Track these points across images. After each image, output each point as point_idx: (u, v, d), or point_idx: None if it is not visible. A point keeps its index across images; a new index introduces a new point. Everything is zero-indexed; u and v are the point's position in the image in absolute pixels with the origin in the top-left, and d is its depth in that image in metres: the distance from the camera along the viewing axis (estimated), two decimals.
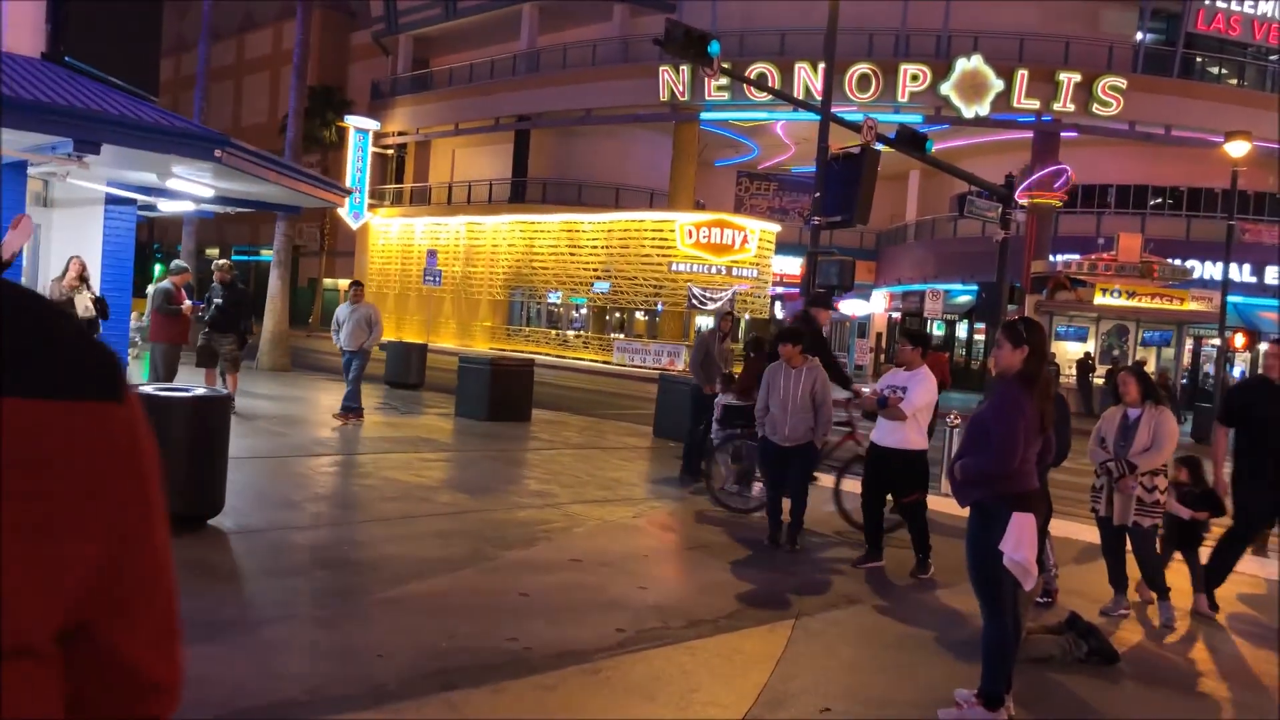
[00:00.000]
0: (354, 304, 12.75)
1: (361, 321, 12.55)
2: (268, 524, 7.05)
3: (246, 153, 11.15)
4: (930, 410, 6.95)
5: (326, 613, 5.34)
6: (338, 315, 12.78)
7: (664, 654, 5.11)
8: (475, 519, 7.84)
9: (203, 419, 6.75)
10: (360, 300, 12.80)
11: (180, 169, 12.22)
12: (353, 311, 12.67)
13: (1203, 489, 6.78)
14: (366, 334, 12.47)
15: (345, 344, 12.56)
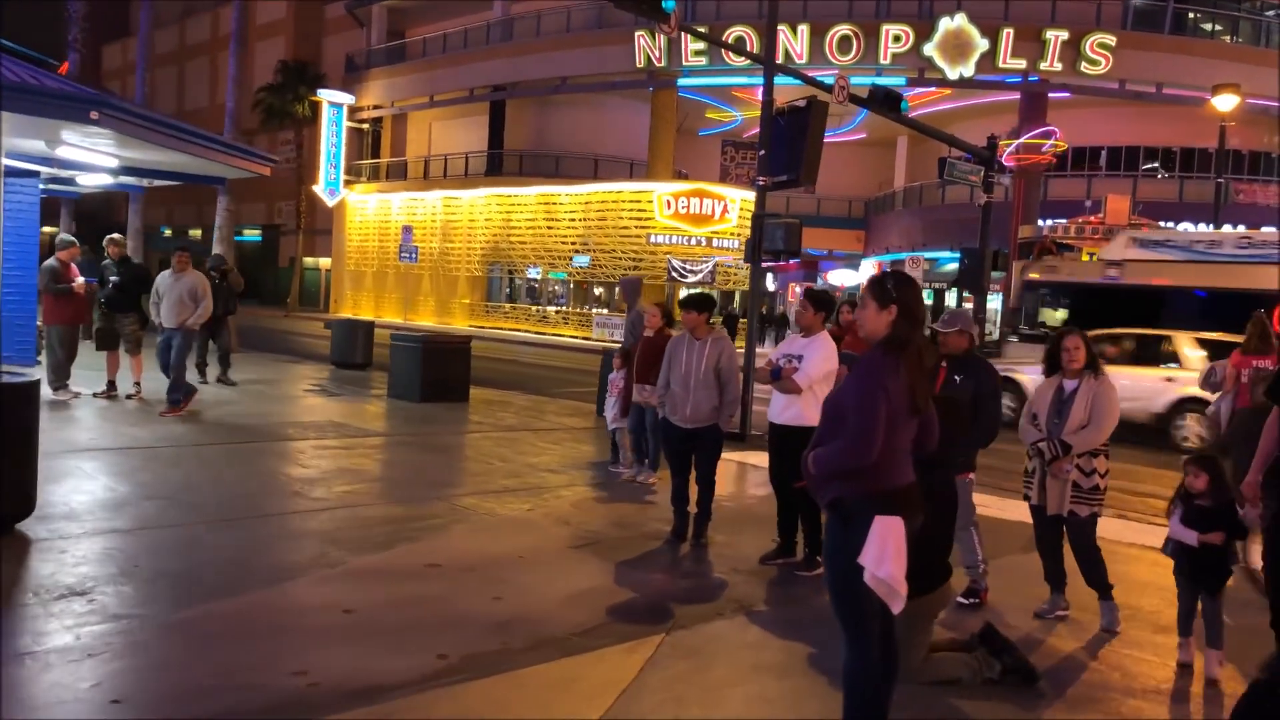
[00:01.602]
0: (177, 274, 11.20)
1: (184, 294, 11.06)
2: (87, 529, 6.17)
3: (130, 114, 10.22)
4: (830, 381, 6.04)
5: (85, 642, 4.46)
6: (157, 286, 11.29)
7: (482, 688, 4.24)
8: (341, 516, 6.97)
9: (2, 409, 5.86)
10: (185, 269, 11.25)
11: (70, 136, 11.28)
12: (175, 282, 11.15)
13: (1219, 501, 4.89)
14: (191, 309, 11.01)
15: (165, 319, 11.04)
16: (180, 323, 10.96)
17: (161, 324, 11.03)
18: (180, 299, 10.98)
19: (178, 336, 10.90)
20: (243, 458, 8.89)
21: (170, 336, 10.93)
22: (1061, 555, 5.73)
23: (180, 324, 10.96)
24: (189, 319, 11.01)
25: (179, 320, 10.96)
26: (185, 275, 11.17)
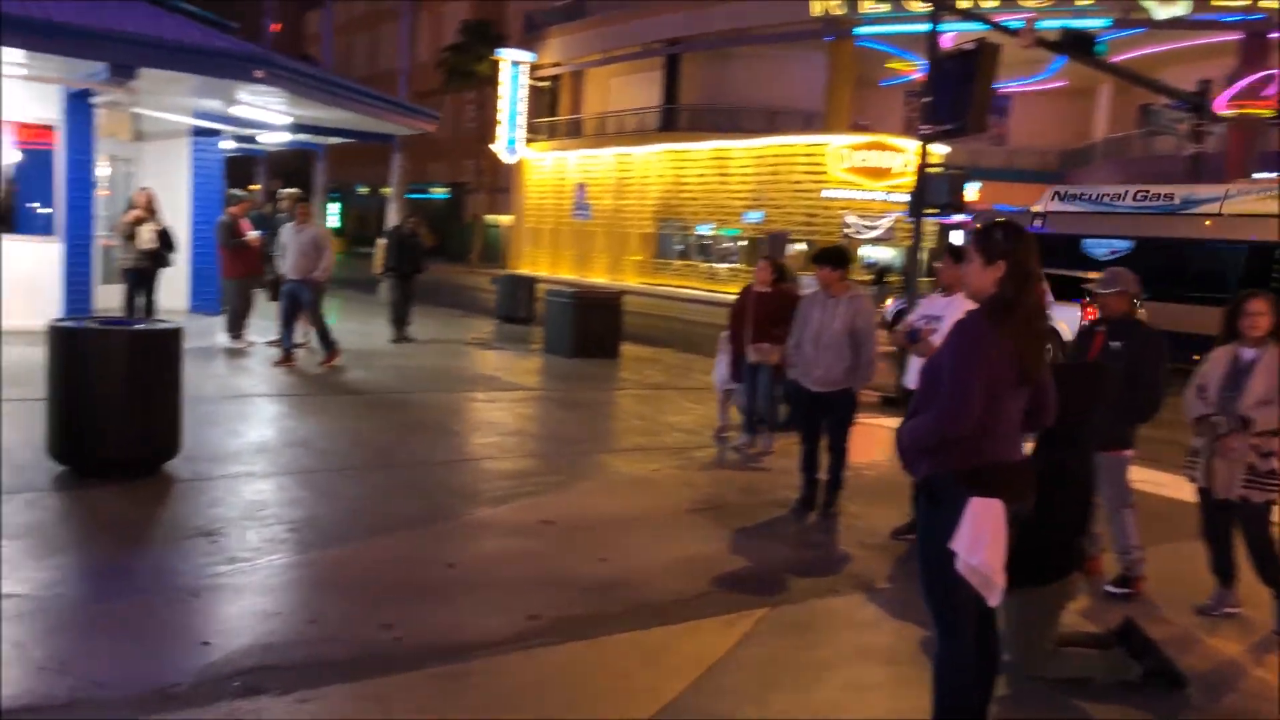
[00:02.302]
0: (300, 225, 10.87)
1: (307, 246, 10.79)
2: (224, 471, 6.43)
3: (292, 72, 10.61)
4: None
5: (200, 582, 4.60)
6: (281, 238, 11.15)
7: (565, 652, 4.11)
8: (469, 469, 7.02)
9: (146, 354, 6.15)
10: (307, 221, 11.00)
11: (244, 94, 11.82)
12: (298, 234, 10.81)
13: None
14: (315, 261, 10.77)
15: (289, 271, 10.87)
16: (304, 275, 10.76)
17: (286, 276, 10.94)
18: (303, 250, 10.76)
19: (305, 290, 10.78)
20: (388, 409, 9.11)
21: (294, 289, 10.81)
22: (1231, 544, 5.08)
23: (304, 276, 10.77)
24: (313, 271, 10.83)
25: (303, 272, 10.77)
26: (307, 227, 10.90)
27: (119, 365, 6.01)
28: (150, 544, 5.12)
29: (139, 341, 6.17)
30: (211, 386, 9.22)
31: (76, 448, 6.00)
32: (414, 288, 13.88)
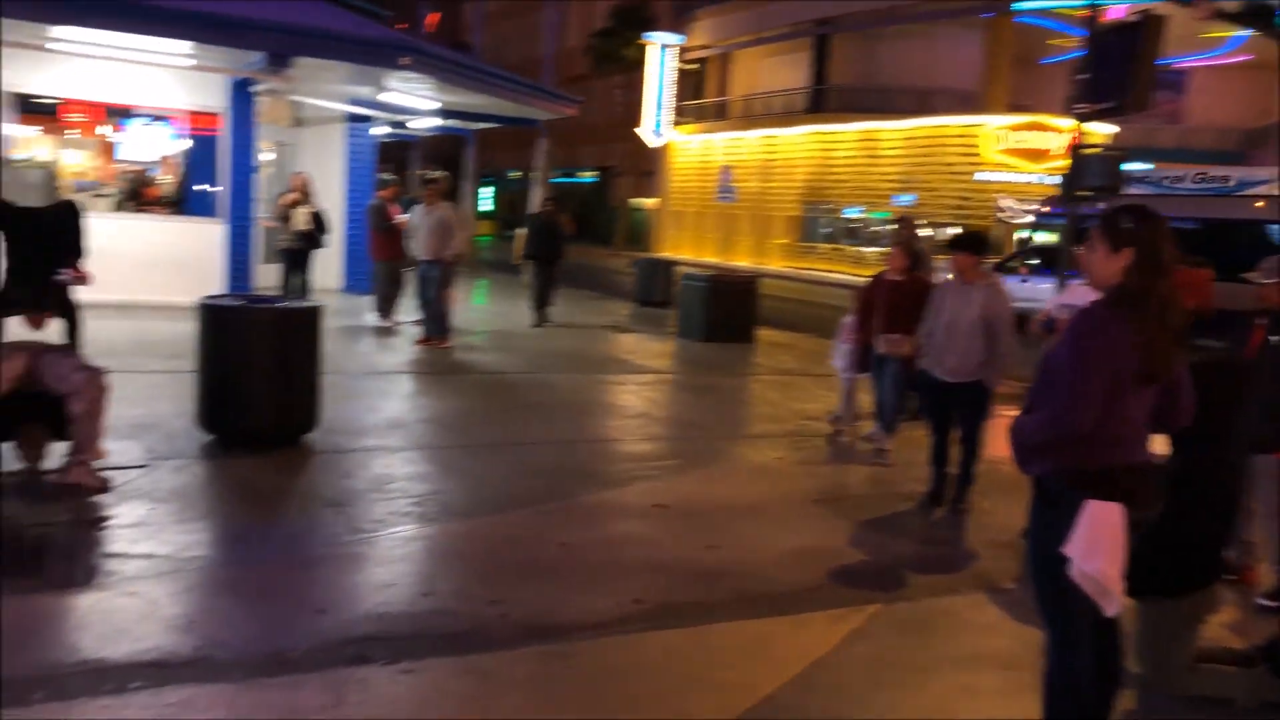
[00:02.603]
0: (429, 207, 11.04)
1: (436, 227, 10.93)
2: (358, 445, 6.68)
3: (437, 59, 10.88)
4: None
5: (324, 551, 4.79)
6: (411, 220, 11.39)
7: (666, 639, 4.09)
8: (591, 450, 7.08)
9: (288, 331, 6.44)
10: (436, 203, 11.14)
11: (392, 82, 12.21)
12: (426, 216, 11.07)
13: None
14: (443, 242, 10.91)
15: (419, 253, 11.06)
16: (434, 255, 10.94)
17: (418, 257, 11.15)
18: (432, 232, 10.94)
19: (434, 270, 10.98)
20: (519, 389, 9.28)
21: (424, 269, 11.05)
22: None
23: (434, 256, 10.94)
24: (442, 251, 10.99)
25: (432, 253, 10.95)
26: (436, 209, 11.05)
27: (262, 341, 6.31)
28: (283, 512, 5.36)
29: (281, 319, 6.46)
30: (355, 363, 9.60)
31: (222, 418, 6.34)
32: (554, 273, 13.91)
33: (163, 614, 3.91)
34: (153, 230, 12.38)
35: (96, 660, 3.52)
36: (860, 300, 7.66)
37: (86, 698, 3.25)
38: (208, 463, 6.04)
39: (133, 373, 7.98)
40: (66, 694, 3.25)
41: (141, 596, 4.06)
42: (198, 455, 6.12)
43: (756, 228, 39.34)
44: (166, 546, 4.61)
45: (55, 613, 3.92)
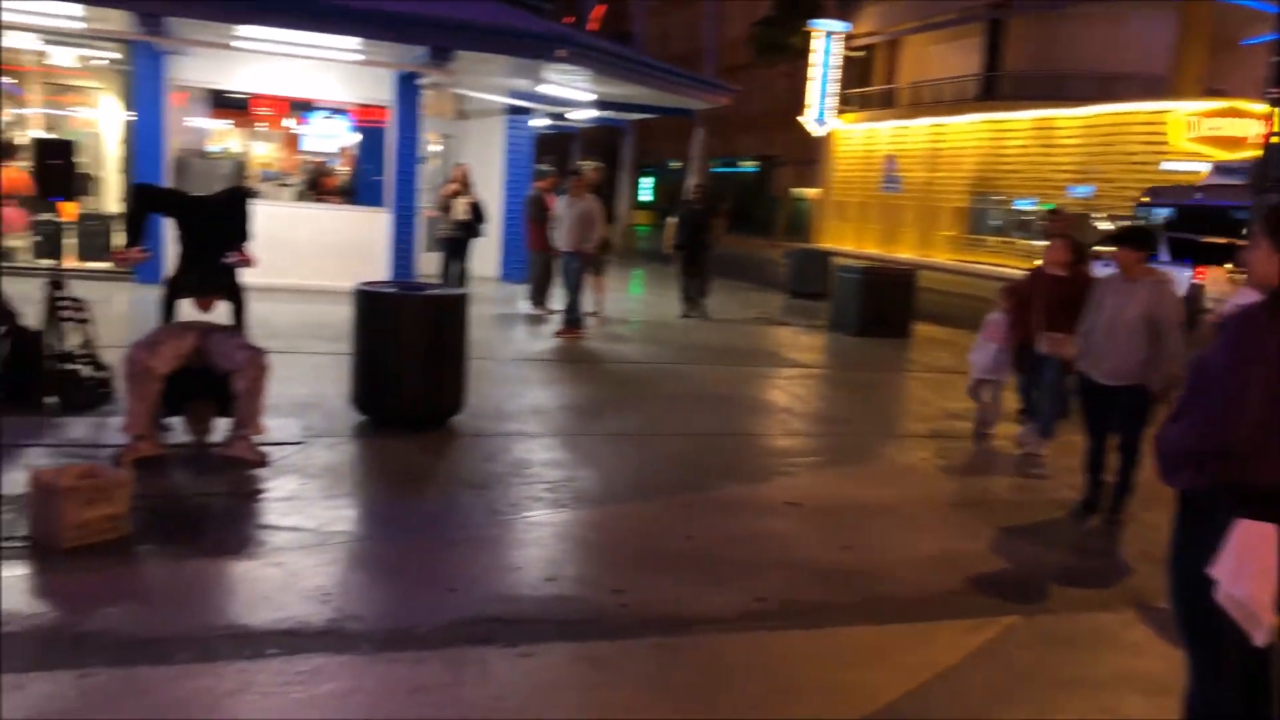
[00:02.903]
0: (573, 199, 11.10)
1: (579, 220, 10.94)
2: (500, 429, 6.84)
3: (593, 50, 10.99)
4: None
5: (462, 531, 4.93)
6: (556, 211, 11.44)
7: (786, 639, 4.01)
8: (725, 444, 7.02)
9: (437, 317, 6.65)
10: (581, 195, 11.18)
11: (549, 74, 12.43)
12: (569, 208, 11.14)
13: None
14: (585, 234, 10.92)
15: (561, 243, 11.12)
16: (574, 246, 11.02)
17: (559, 248, 11.24)
18: (574, 223, 11.00)
19: (574, 261, 11.05)
20: (662, 380, 9.30)
21: (568, 261, 11.15)
22: None
23: (574, 248, 11.03)
24: (583, 243, 11.06)
25: (574, 244, 11.03)
26: (580, 201, 11.13)
27: (413, 326, 6.54)
28: (425, 492, 5.54)
29: (431, 305, 6.68)
30: (504, 349, 9.85)
31: (374, 399, 6.61)
32: (705, 265, 13.63)
33: (303, 585, 4.11)
34: (326, 218, 13.03)
35: (239, 625, 3.73)
36: (1017, 296, 7.30)
37: (225, 661, 3.44)
38: (359, 441, 6.31)
39: (300, 354, 8.44)
40: (209, 656, 3.46)
41: (285, 567, 4.27)
42: (350, 434, 6.41)
43: (922, 219, 38.22)
44: (313, 520, 4.84)
45: (207, 578, 4.17)
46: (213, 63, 12.09)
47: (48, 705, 3.06)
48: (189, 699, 3.19)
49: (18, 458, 5.33)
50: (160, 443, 5.65)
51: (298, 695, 3.26)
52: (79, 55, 13.02)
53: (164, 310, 5.96)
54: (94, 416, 6.23)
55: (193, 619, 3.74)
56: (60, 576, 4.03)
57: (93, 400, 6.45)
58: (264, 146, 15.21)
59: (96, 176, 13.35)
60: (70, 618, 3.69)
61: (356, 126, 13.80)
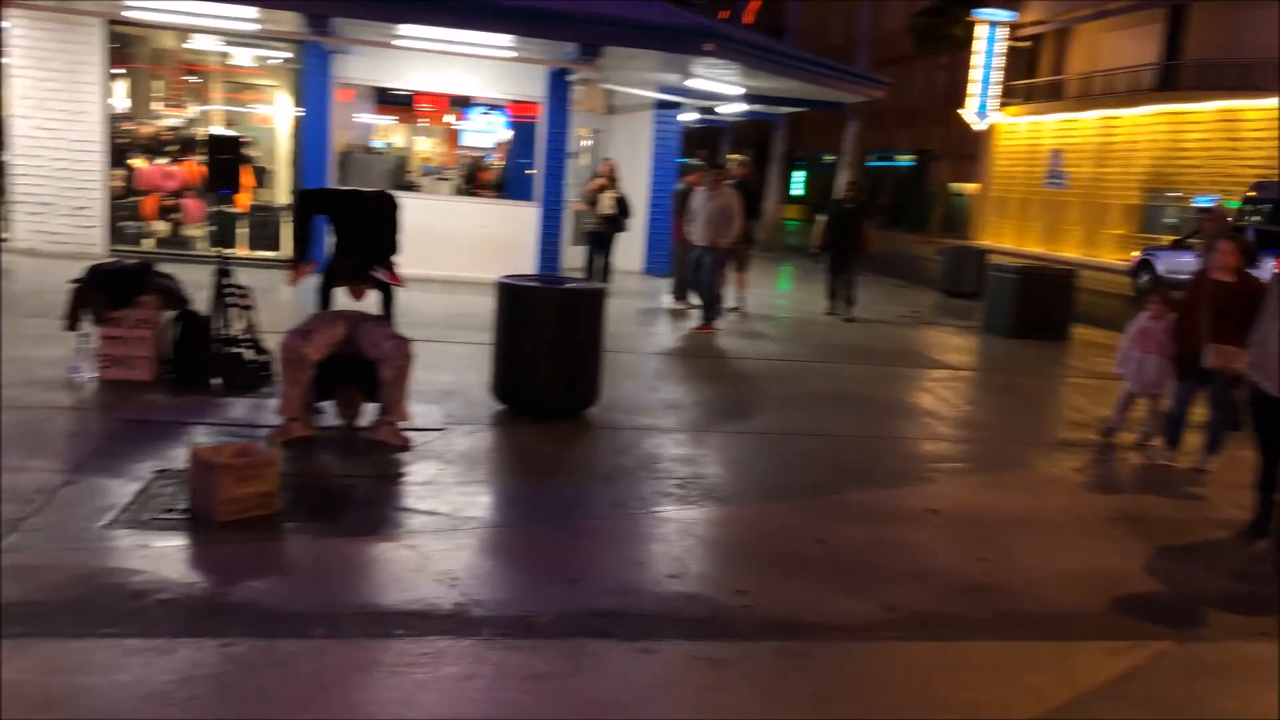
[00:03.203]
0: (711, 192, 10.91)
1: (716, 213, 10.70)
2: (633, 423, 6.87)
3: (740, 44, 10.90)
4: None
5: (589, 522, 4.99)
6: (691, 204, 11.20)
7: (918, 651, 3.89)
8: (863, 446, 6.85)
9: (574, 310, 6.74)
10: (719, 189, 10.92)
11: (697, 68, 12.41)
12: (707, 201, 10.86)
13: None
14: (721, 229, 10.68)
15: (697, 238, 10.92)
16: (710, 241, 10.86)
17: (695, 242, 11.07)
18: (711, 218, 10.82)
19: (708, 255, 10.88)
20: (802, 378, 9.15)
21: (701, 255, 10.96)
22: None
23: (710, 242, 10.86)
24: (719, 238, 10.86)
25: (710, 239, 10.85)
26: (718, 194, 10.93)
27: (551, 319, 6.64)
28: (554, 482, 5.62)
29: (568, 299, 6.76)
30: (642, 343, 9.91)
31: (512, 389, 6.75)
32: (854, 265, 13.04)
33: (433, 568, 4.23)
34: (478, 212, 13.40)
35: (371, 604, 3.87)
36: (1179, 302, 6.85)
37: (356, 638, 3.57)
38: (496, 430, 6.46)
39: (446, 343, 8.71)
40: (340, 633, 3.60)
41: (418, 550, 4.41)
42: (488, 422, 6.56)
43: (1088, 216, 36.43)
44: (447, 506, 4.98)
45: (345, 556, 4.34)
46: (376, 61, 12.59)
47: (192, 671, 3.24)
48: (320, 673, 3.33)
49: (183, 434, 5.69)
50: (311, 425, 5.92)
51: (419, 676, 3.36)
52: (256, 55, 13.78)
53: (320, 298, 6.25)
54: (253, 398, 6.59)
55: (329, 596, 3.90)
56: (212, 548, 4.27)
57: (253, 382, 6.82)
58: (425, 142, 15.77)
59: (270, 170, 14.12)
60: (219, 588, 3.90)
61: (510, 122, 14.13)
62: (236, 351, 6.92)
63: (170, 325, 6.90)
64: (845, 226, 12.84)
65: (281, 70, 13.60)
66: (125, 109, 13.40)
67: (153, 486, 4.84)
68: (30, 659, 3.21)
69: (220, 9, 11.13)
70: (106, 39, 12.28)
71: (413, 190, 13.90)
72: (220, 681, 3.20)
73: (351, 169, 13.33)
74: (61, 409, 6.10)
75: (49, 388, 6.46)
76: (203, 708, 3.05)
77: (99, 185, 12.46)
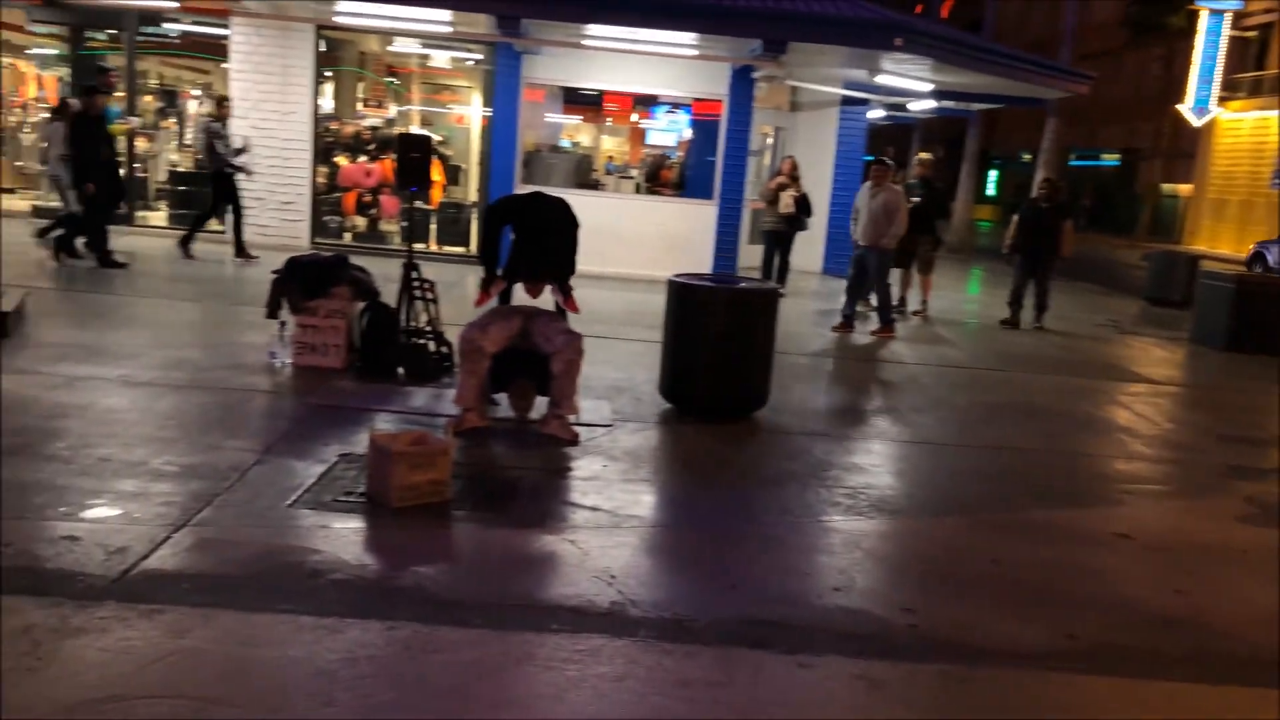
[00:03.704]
0: (874, 189, 10.38)
1: (880, 210, 10.17)
2: (802, 427, 6.73)
3: (932, 39, 10.50)
4: None
5: (752, 528, 4.90)
6: (856, 202, 10.68)
7: (1098, 686, 3.61)
8: (1048, 461, 6.46)
9: (745, 311, 6.66)
10: (883, 184, 10.35)
11: (885, 63, 12.05)
12: (872, 198, 10.33)
13: None
14: (886, 227, 10.12)
15: (860, 236, 10.41)
16: (873, 241, 10.40)
17: (857, 241, 10.63)
18: (875, 216, 10.34)
19: (872, 256, 10.42)
20: (984, 386, 8.74)
21: (864, 255, 10.51)
22: None
23: (873, 242, 10.41)
24: (883, 237, 10.37)
25: (873, 238, 10.39)
26: (882, 191, 10.42)
27: (720, 319, 6.58)
28: (718, 484, 5.56)
29: (739, 299, 6.68)
30: (818, 345, 9.70)
31: (680, 388, 6.73)
32: (1047, 269, 12.16)
33: (592, 564, 4.24)
34: (658, 210, 13.50)
35: (531, 597, 3.91)
36: None
37: (514, 630, 3.62)
38: (662, 428, 6.45)
39: (618, 339, 8.80)
40: (500, 624, 3.65)
41: (579, 545, 4.44)
42: (655, 420, 6.57)
43: None
44: (610, 502, 5.00)
45: (509, 547, 4.42)
46: (564, 61, 12.86)
47: (359, 651, 3.36)
48: (478, 662, 3.38)
49: (366, 420, 5.95)
50: (485, 416, 6.08)
51: (573, 673, 3.37)
52: (451, 57, 14.35)
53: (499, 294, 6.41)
54: (433, 387, 6.84)
55: (490, 585, 3.97)
56: (385, 532, 4.44)
57: (434, 372, 7.08)
58: (610, 140, 16.02)
59: (462, 169, 14.68)
60: (388, 572, 4.05)
61: (692, 120, 14.16)
62: (420, 342, 7.19)
63: (360, 315, 7.25)
64: (1040, 228, 12.10)
65: (474, 71, 14.10)
66: (330, 109, 14.22)
67: (335, 469, 5.08)
68: (213, 629, 3.41)
69: (418, 12, 11.63)
70: (316, 43, 13.07)
71: (596, 189, 14.13)
72: (383, 663, 3.30)
73: (537, 168, 13.67)
74: (259, 392, 6.50)
75: (250, 371, 6.91)
76: (366, 688, 3.15)
77: (306, 182, 13.27)
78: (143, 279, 10.45)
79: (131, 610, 3.47)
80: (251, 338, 7.59)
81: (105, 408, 5.82)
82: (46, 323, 7.88)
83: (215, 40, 13.58)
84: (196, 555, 3.99)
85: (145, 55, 14.30)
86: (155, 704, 2.94)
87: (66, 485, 4.59)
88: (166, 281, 10.63)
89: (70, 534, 4.06)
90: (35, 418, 5.52)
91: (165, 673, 3.11)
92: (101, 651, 3.20)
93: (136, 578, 3.74)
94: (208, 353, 7.37)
